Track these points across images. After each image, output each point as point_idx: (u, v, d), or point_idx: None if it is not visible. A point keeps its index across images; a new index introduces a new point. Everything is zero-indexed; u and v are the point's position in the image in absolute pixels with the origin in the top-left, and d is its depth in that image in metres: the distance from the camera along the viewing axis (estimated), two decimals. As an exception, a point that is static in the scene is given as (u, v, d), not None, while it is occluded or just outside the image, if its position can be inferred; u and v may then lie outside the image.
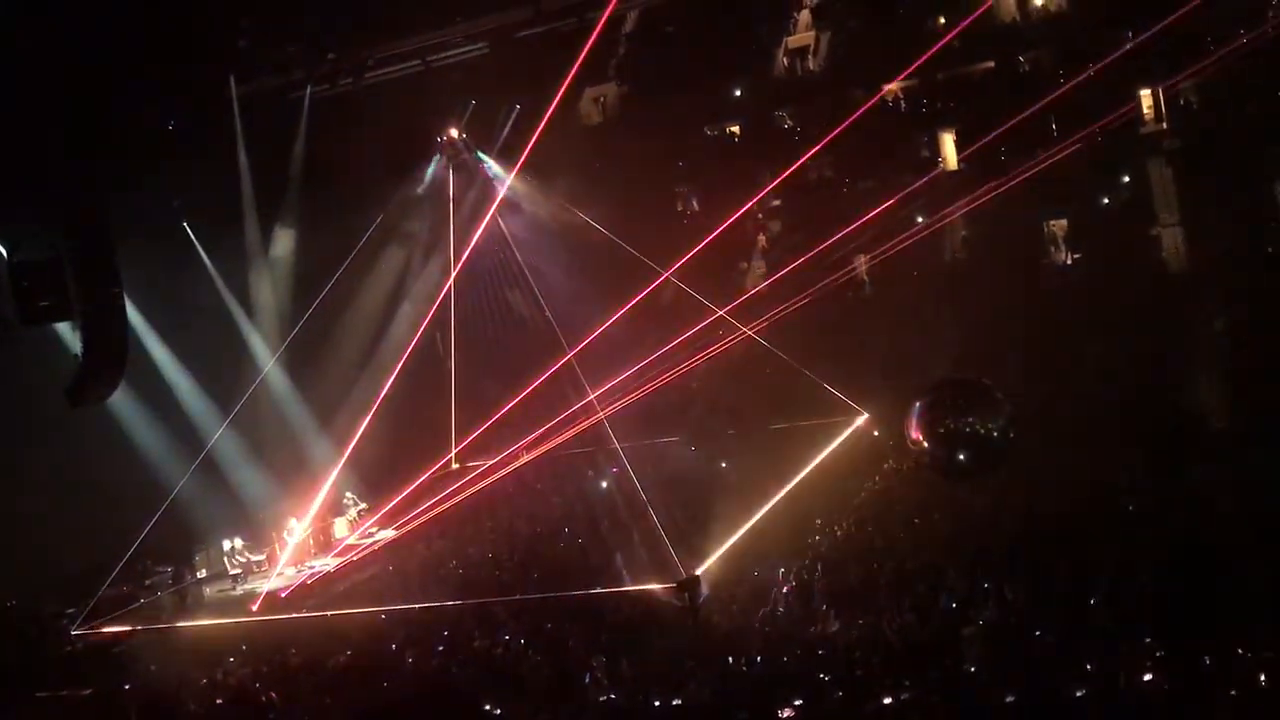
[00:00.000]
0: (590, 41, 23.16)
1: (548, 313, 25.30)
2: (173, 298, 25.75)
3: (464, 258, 26.69)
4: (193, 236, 27.42)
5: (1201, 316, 23.87)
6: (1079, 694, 10.48)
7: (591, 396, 23.84)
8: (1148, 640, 11.76)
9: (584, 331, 24.46)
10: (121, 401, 23.47)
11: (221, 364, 27.12)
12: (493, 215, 26.80)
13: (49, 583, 23.44)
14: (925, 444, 16.61)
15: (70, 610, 22.52)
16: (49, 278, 15.52)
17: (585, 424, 24.47)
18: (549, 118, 23.47)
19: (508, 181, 26.84)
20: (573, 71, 23.44)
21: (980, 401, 16.54)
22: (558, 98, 23.50)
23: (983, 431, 16.32)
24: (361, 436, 25.32)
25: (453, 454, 26.72)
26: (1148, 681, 10.45)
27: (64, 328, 17.01)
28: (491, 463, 25.61)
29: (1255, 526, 14.97)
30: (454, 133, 28.38)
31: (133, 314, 21.06)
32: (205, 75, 25.11)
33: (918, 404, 16.69)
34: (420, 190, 29.21)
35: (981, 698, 11.11)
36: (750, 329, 24.89)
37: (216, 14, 22.62)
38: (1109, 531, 16.49)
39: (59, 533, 22.65)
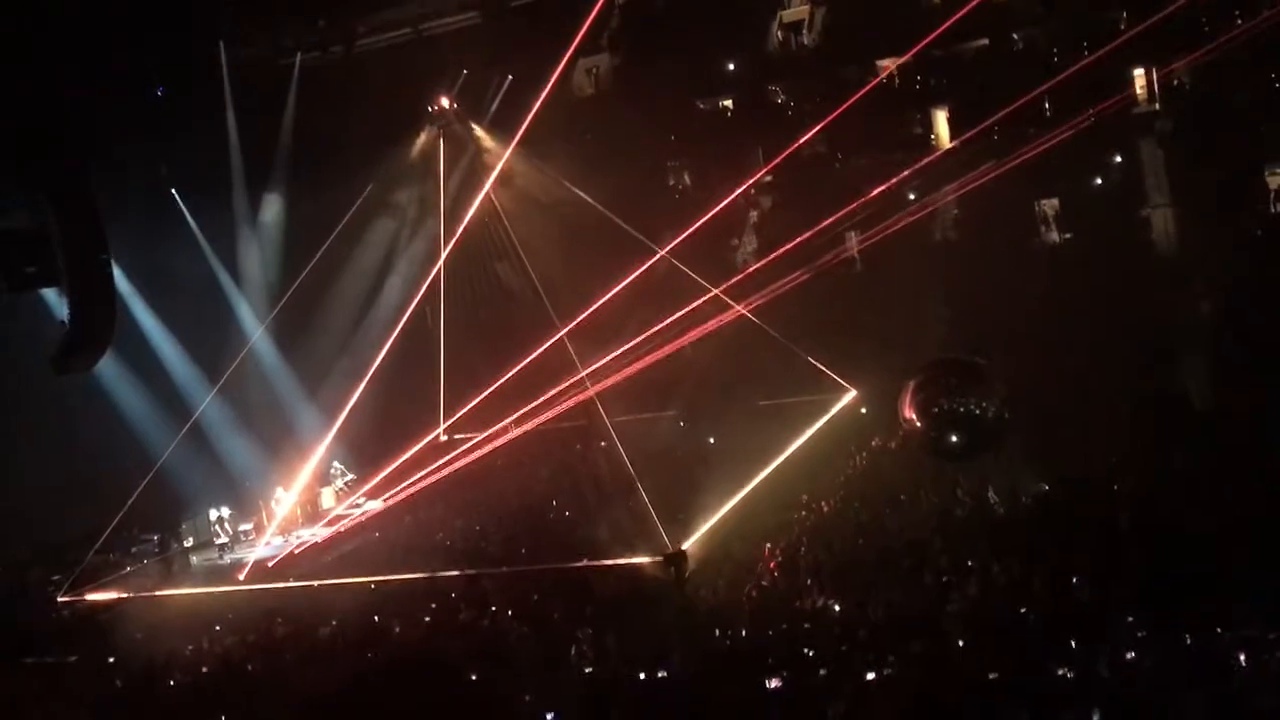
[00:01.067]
0: (592, 15, 22.97)
1: (537, 286, 25.21)
2: (160, 265, 25.60)
3: (457, 232, 26.55)
4: (181, 204, 27.25)
5: (1190, 298, 23.92)
6: (1062, 672, 10.54)
7: (583, 374, 23.81)
8: (1130, 620, 11.84)
9: (574, 304, 24.40)
10: (108, 369, 23.36)
11: (209, 332, 27.01)
12: (484, 186, 26.68)
13: (35, 551, 23.44)
14: (918, 423, 16.58)
15: (56, 578, 22.51)
16: (36, 244, 15.39)
17: (575, 400, 24.45)
18: (549, 91, 23.33)
19: (505, 155, 26.60)
20: (573, 46, 23.32)
21: (975, 382, 16.52)
22: (558, 72, 23.37)
23: (977, 412, 16.29)
24: (350, 407, 25.28)
25: (441, 427, 26.68)
26: (1130, 660, 10.52)
27: (51, 294, 16.91)
28: (480, 436, 25.58)
29: (1238, 508, 15.06)
30: (445, 102, 28.22)
31: (120, 281, 20.93)
32: (195, 43, 24.89)
33: (911, 383, 16.66)
34: (410, 159, 29.05)
35: (965, 674, 11.17)
36: (742, 307, 24.84)
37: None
38: (1094, 511, 16.55)
39: (45, 501, 22.60)
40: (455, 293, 28.10)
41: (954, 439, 16.48)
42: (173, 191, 27.21)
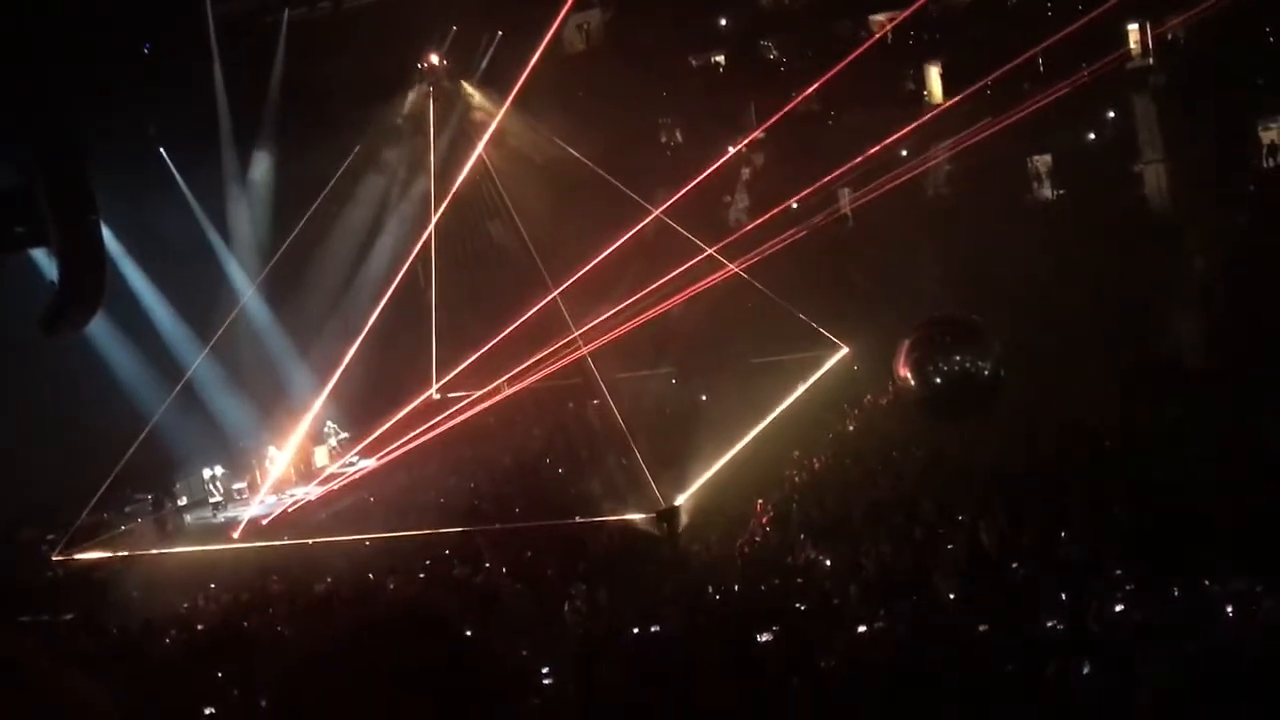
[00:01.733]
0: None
1: (529, 244, 25.12)
2: (149, 224, 25.41)
3: (448, 191, 26.41)
4: (169, 162, 27.05)
5: (1183, 253, 23.95)
6: (1050, 624, 10.65)
7: (575, 334, 23.78)
8: (1118, 573, 11.95)
9: (566, 262, 24.33)
10: (99, 330, 23.30)
11: (199, 291, 26.89)
12: (475, 144, 26.52)
13: (28, 510, 23.46)
14: (912, 382, 16.44)
15: (50, 537, 22.56)
16: (23, 204, 15.28)
17: (568, 359, 24.44)
18: (544, 48, 23.12)
19: (496, 113, 26.36)
20: (568, 5, 23.09)
21: (970, 340, 16.34)
22: (552, 30, 23.14)
23: (972, 370, 16.13)
24: (343, 366, 25.26)
25: (434, 385, 26.69)
26: (1118, 613, 10.63)
27: (40, 255, 16.81)
28: (473, 395, 25.60)
29: (1227, 463, 15.18)
30: (434, 59, 27.98)
31: (109, 241, 20.81)
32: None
33: (906, 341, 16.50)
34: (400, 117, 28.85)
35: (955, 627, 11.28)
36: (735, 265, 24.78)
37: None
38: (1082, 466, 16.65)
39: (38, 461, 22.57)
40: (446, 251, 27.98)
41: (949, 398, 16.32)
42: (161, 150, 26.98)
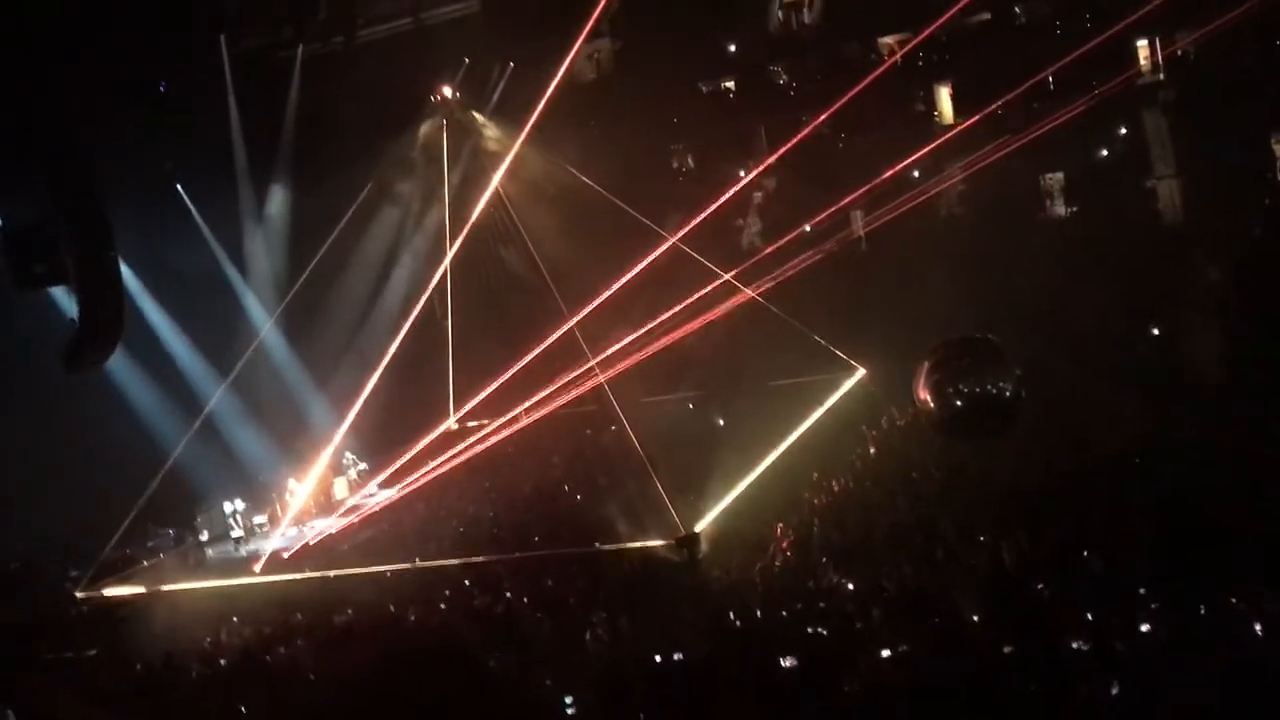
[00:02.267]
0: (602, 4, 22.90)
1: (544, 273, 25.20)
2: (167, 260, 25.65)
3: (463, 221, 26.55)
4: (187, 199, 27.29)
5: (1198, 268, 23.86)
6: (1076, 645, 10.56)
7: (593, 363, 23.82)
8: (1142, 591, 11.86)
9: (581, 290, 24.41)
10: (119, 365, 23.45)
11: (217, 325, 27.09)
12: (489, 174, 26.68)
13: (52, 546, 23.58)
14: (932, 404, 16.31)
15: (74, 573, 22.65)
16: (43, 243, 15.44)
17: (585, 387, 24.48)
18: (559, 79, 23.29)
19: (510, 143, 26.47)
20: (584, 32, 23.28)
21: (990, 361, 16.24)
22: (566, 63, 23.31)
23: (993, 391, 15.99)
24: (361, 398, 25.35)
25: (452, 415, 26.74)
26: (1144, 632, 10.55)
27: (60, 292, 16.97)
28: (491, 423, 25.64)
29: (1249, 477, 15.07)
30: (447, 91, 28.18)
31: (128, 278, 21.00)
32: (196, 36, 24.89)
33: (925, 364, 16.39)
34: (414, 149, 29.05)
35: (979, 649, 11.21)
36: (751, 290, 24.78)
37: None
38: (1104, 483, 16.56)
39: (60, 497, 22.72)
40: (462, 281, 28.11)
41: (969, 419, 16.19)
42: (178, 186, 27.24)
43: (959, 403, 15.91)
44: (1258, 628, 9.95)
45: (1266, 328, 20.76)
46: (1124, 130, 26.95)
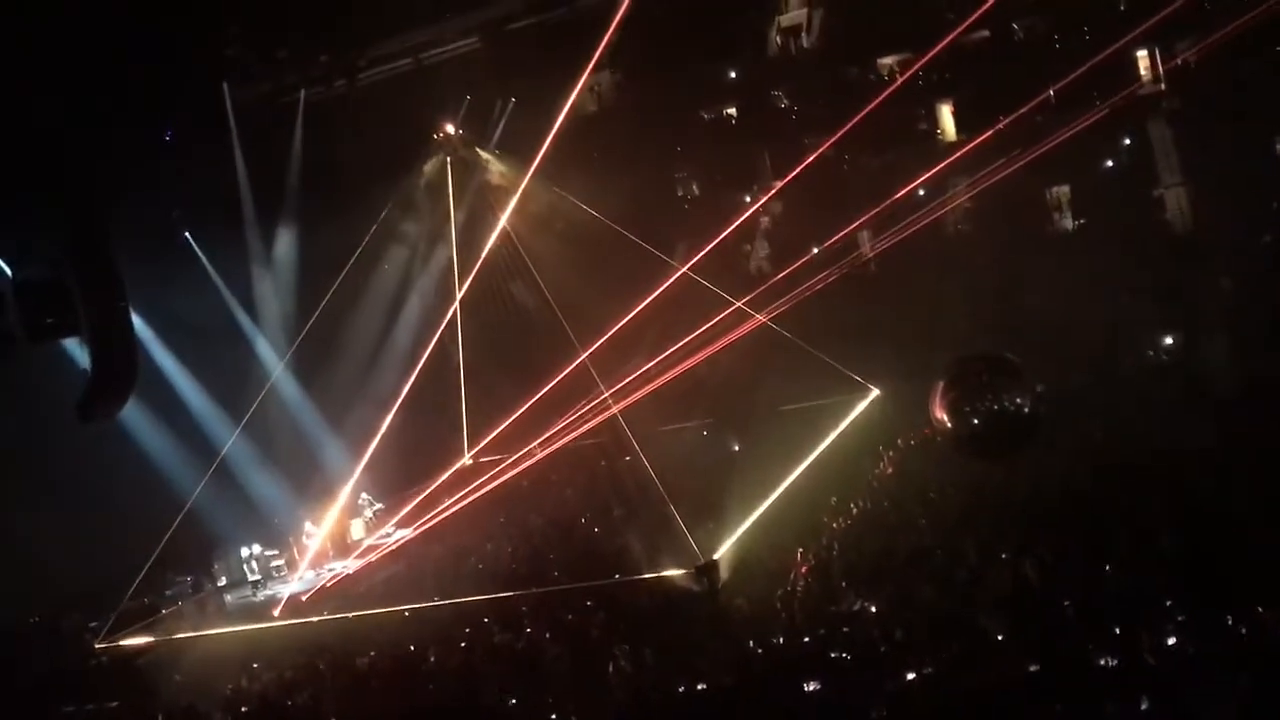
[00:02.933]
0: (606, 38, 23.02)
1: (554, 305, 25.22)
2: (178, 307, 25.75)
3: (470, 258, 26.63)
4: (195, 246, 27.43)
5: (1210, 275, 23.78)
6: (1103, 662, 10.44)
7: (606, 395, 23.78)
8: (1168, 604, 11.73)
9: (590, 321, 24.41)
10: (133, 413, 23.49)
11: (229, 370, 27.15)
12: (494, 210, 26.80)
13: (70, 597, 23.55)
14: (949, 423, 16.07)
15: (93, 624, 22.61)
16: (54, 294, 15.51)
17: (598, 419, 24.44)
18: (566, 113, 23.40)
19: (512, 177, 26.61)
20: (590, 66, 23.39)
21: (1007, 378, 15.99)
22: (576, 92, 23.47)
23: (1011, 409, 15.71)
24: (374, 438, 25.36)
25: (466, 451, 26.72)
26: (1171, 645, 10.42)
27: (72, 343, 17.04)
28: (505, 458, 25.60)
29: (1268, 485, 14.93)
30: (449, 129, 28.34)
31: (139, 326, 21.06)
32: (198, 85, 25.08)
33: (941, 382, 16.17)
34: (418, 188, 29.19)
35: (1005, 668, 11.09)
36: (763, 316, 24.72)
37: (205, 22, 22.60)
38: (1123, 496, 16.42)
39: (78, 547, 22.72)
40: (472, 317, 28.15)
41: (988, 437, 15.90)
42: (186, 233, 27.39)
43: (977, 421, 15.65)
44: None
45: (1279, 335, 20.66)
46: (1128, 141, 26.94)
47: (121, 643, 22.00)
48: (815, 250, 26.83)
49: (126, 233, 18.55)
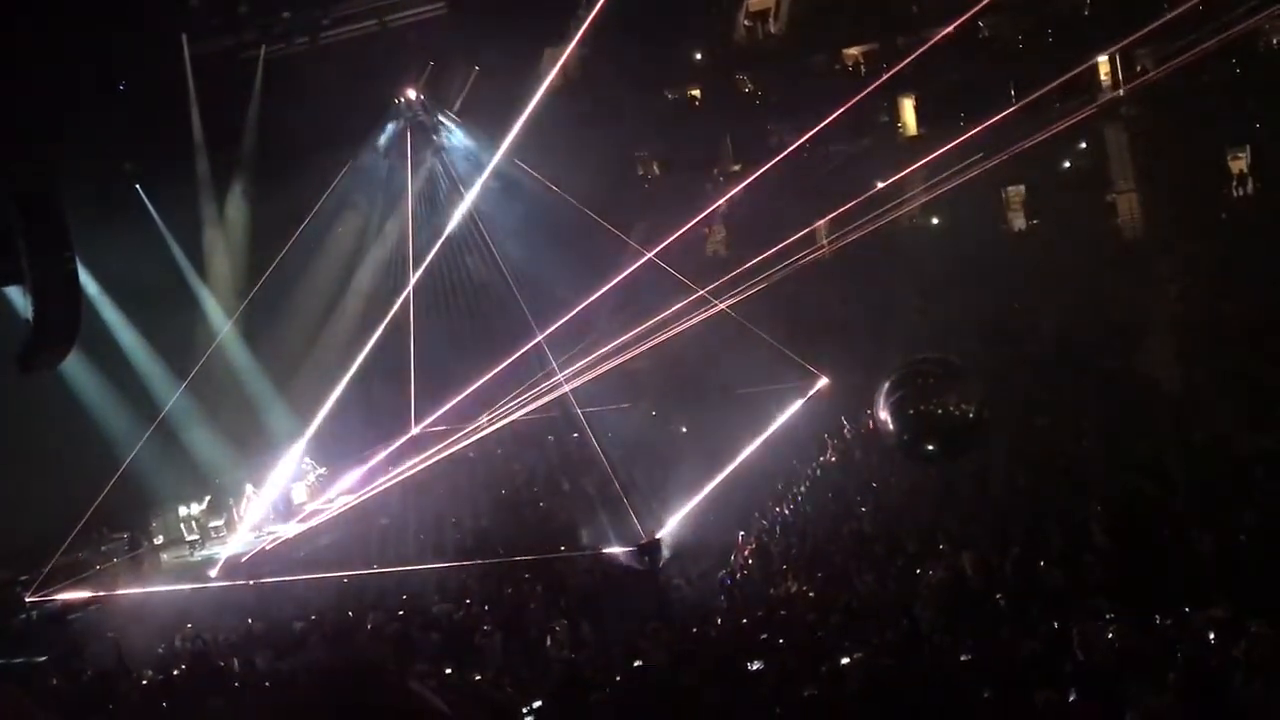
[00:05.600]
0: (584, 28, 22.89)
1: (508, 278, 25.10)
2: (126, 262, 25.27)
3: (429, 226, 26.41)
4: (146, 200, 26.96)
5: (1157, 281, 24.16)
6: (1034, 651, 10.61)
7: (559, 376, 23.70)
8: (1100, 601, 11.93)
9: (546, 295, 24.33)
10: (73, 367, 23.11)
11: (176, 328, 26.74)
12: (452, 178, 26.58)
13: (2, 551, 23.17)
14: (893, 427, 15.95)
15: (24, 577, 22.25)
16: (-2, 242, 15.20)
17: (548, 396, 24.38)
18: (535, 85, 23.22)
19: (503, 159, 26.24)
20: (570, 47, 23.21)
21: (952, 382, 15.83)
22: (545, 86, 23.27)
23: (956, 414, 15.53)
24: (324, 401, 25.13)
25: (413, 420, 26.55)
26: (1101, 641, 10.60)
27: (14, 292, 16.69)
28: (453, 429, 25.49)
29: (1204, 488, 15.24)
30: (411, 94, 28.04)
31: (85, 278, 20.66)
32: (157, 35, 24.61)
33: (885, 384, 15.97)
34: (378, 152, 28.85)
35: (938, 656, 11.24)
36: (722, 303, 24.72)
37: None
38: (1061, 495, 16.69)
39: (11, 501, 22.31)
40: (425, 286, 27.92)
41: (930, 443, 15.71)
42: (137, 187, 26.90)
43: (919, 425, 15.49)
44: (1212, 636, 10.03)
45: (1223, 341, 21.05)
46: (1084, 144, 27.25)
47: (53, 598, 21.69)
48: (771, 237, 26.86)
49: (76, 183, 18.22)
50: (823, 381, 24.68)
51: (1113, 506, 15.29)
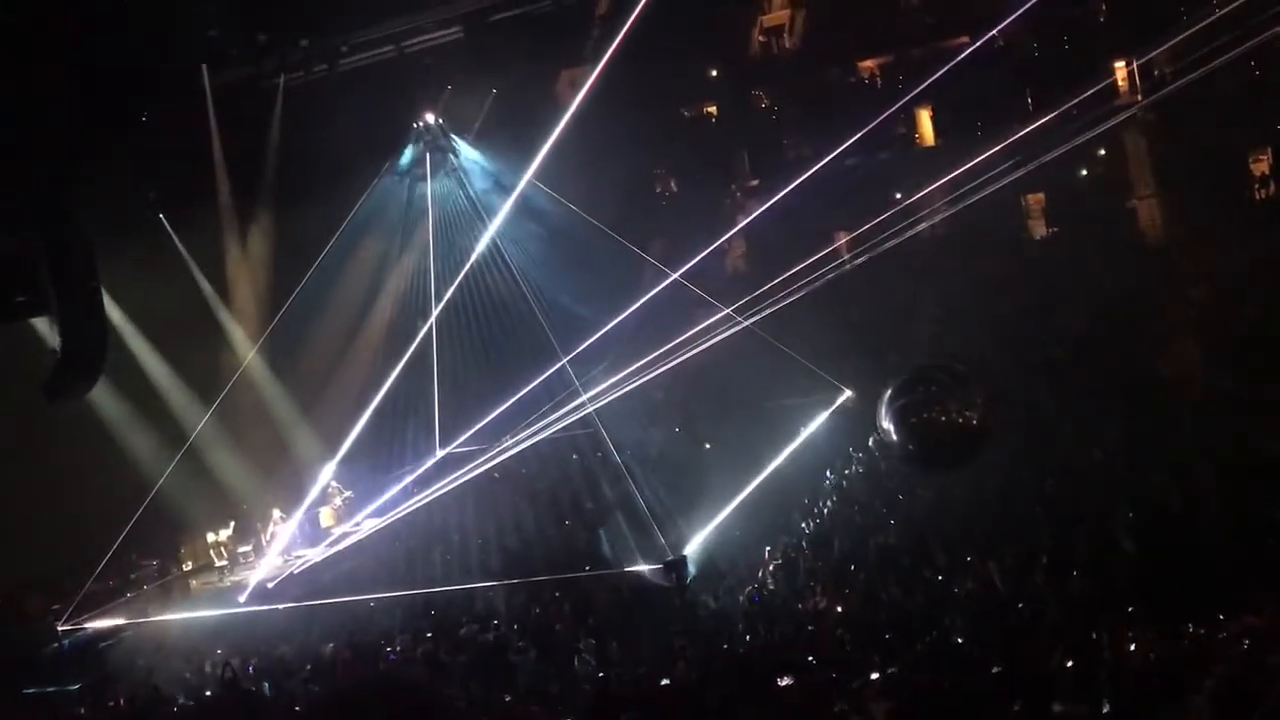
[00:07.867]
0: (614, 46, 23.00)
1: (529, 297, 25.18)
2: (151, 290, 25.50)
3: (459, 254, 26.51)
4: (169, 228, 27.18)
5: (1179, 286, 24.01)
6: (1066, 664, 10.53)
7: (584, 398, 23.71)
8: (1130, 609, 11.85)
9: (566, 314, 24.39)
10: (101, 395, 23.30)
11: (201, 355, 26.93)
12: (472, 200, 26.71)
13: (34, 580, 23.34)
14: (895, 435, 15.73)
15: (56, 606, 22.42)
16: (23, 273, 15.35)
17: (573, 414, 24.40)
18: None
19: (523, 181, 26.34)
20: (597, 71, 23.32)
21: (954, 389, 15.60)
22: (568, 113, 23.34)
23: (960, 421, 15.30)
24: (348, 425, 25.23)
25: (438, 443, 26.62)
26: (1133, 650, 10.53)
27: (41, 323, 16.85)
28: (478, 450, 25.54)
29: (1234, 495, 15.11)
30: (429, 118, 28.22)
31: (110, 307, 20.86)
32: (177, 66, 24.87)
33: (887, 393, 15.73)
34: (397, 177, 29.03)
35: (968, 669, 11.18)
36: (739, 316, 24.69)
37: (186, 4, 22.44)
38: (1089, 503, 16.57)
39: (43, 530, 22.50)
40: (448, 308, 28.02)
41: (931, 452, 15.47)
42: (160, 216, 27.14)
43: (920, 433, 15.24)
44: (1246, 644, 9.94)
45: (1246, 346, 20.88)
46: (1103, 151, 27.13)
47: (85, 626, 21.84)
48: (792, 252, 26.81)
49: (100, 213, 18.37)
50: (847, 394, 24.61)
51: (1141, 514, 15.19)
